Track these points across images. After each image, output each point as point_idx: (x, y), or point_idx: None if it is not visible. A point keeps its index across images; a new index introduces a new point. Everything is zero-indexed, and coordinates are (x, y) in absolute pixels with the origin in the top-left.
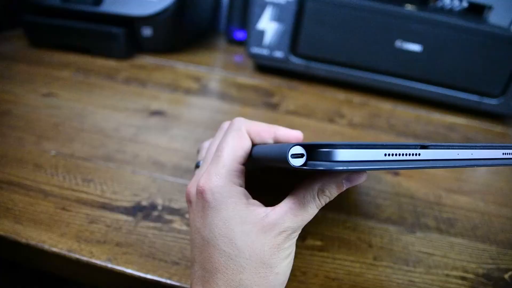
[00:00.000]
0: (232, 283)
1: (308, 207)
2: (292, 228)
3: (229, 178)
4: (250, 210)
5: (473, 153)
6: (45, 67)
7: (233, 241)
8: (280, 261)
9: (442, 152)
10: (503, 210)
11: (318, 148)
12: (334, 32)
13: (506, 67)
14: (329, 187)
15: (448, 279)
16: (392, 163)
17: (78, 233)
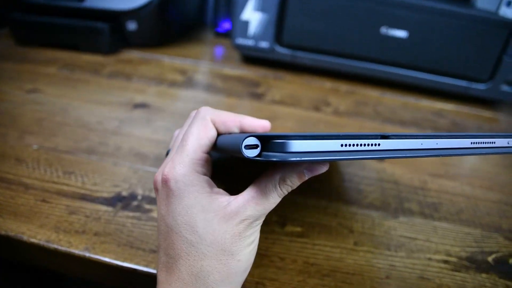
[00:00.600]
0: (194, 269)
1: (270, 196)
2: (254, 217)
3: (192, 167)
4: (213, 198)
5: (438, 142)
6: (31, 64)
7: (195, 229)
8: (242, 249)
9: (404, 142)
10: (489, 194)
11: (272, 139)
12: (318, 20)
13: (494, 51)
14: (290, 177)
15: (430, 263)
16: (348, 154)
17: (57, 224)
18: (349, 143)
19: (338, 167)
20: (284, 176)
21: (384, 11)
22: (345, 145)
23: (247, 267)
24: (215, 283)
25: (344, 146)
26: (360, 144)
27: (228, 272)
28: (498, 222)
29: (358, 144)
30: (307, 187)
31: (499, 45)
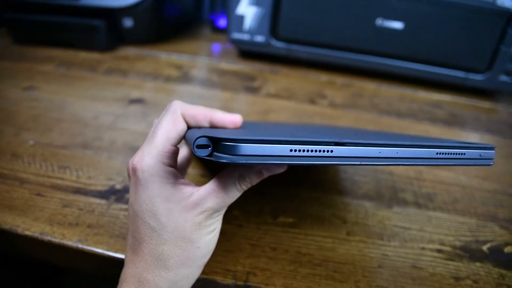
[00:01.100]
0: (155, 252)
1: (229, 191)
2: (213, 209)
3: (159, 158)
4: (176, 189)
5: (399, 152)
6: (28, 63)
7: (157, 216)
8: (201, 237)
9: (360, 150)
10: (485, 183)
11: (222, 141)
12: (313, 13)
13: (491, 41)
14: (248, 175)
15: (423, 252)
16: (297, 159)
17: (51, 216)
18: (299, 148)
19: None
20: (242, 173)
21: (379, 2)
22: (295, 150)
23: (206, 253)
24: (175, 266)
25: (293, 151)
26: (311, 150)
27: (187, 257)
28: (494, 212)
29: (309, 150)
30: (300, 179)
31: (496, 34)
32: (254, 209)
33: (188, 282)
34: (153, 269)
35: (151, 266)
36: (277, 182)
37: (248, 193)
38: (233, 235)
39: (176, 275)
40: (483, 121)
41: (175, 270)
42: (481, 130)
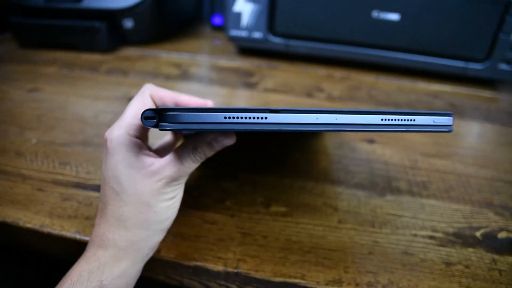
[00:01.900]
0: (116, 213)
1: (185, 161)
2: (171, 177)
3: (126, 130)
4: (139, 158)
5: (338, 118)
6: (33, 65)
7: (120, 181)
8: (158, 202)
9: (295, 117)
10: (482, 171)
11: (164, 111)
12: (309, 7)
13: (489, 29)
14: (201, 146)
15: (415, 239)
16: (231, 125)
17: (51, 210)
18: (233, 115)
19: (327, 149)
20: (195, 145)
21: None
22: (229, 117)
23: (164, 219)
24: (132, 226)
25: (227, 118)
26: (245, 117)
27: (144, 219)
28: (490, 198)
29: (243, 117)
30: (294, 169)
31: (494, 22)
32: (247, 199)
33: (147, 244)
34: (113, 229)
35: (112, 226)
36: (270, 172)
37: (241, 184)
38: (225, 225)
39: (134, 235)
40: (483, 110)
41: (133, 230)
42: (479, 119)
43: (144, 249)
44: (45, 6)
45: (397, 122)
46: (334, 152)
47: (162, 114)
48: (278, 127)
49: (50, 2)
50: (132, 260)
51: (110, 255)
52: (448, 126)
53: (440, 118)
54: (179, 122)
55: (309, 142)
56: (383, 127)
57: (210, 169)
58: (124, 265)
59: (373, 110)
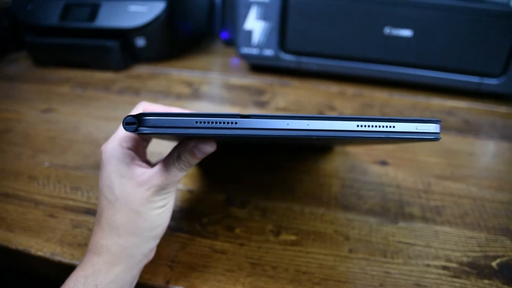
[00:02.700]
0: (110, 221)
1: (171, 170)
2: (160, 186)
3: (119, 142)
4: (131, 168)
5: (310, 123)
6: (47, 84)
7: (113, 190)
8: (148, 211)
9: (266, 122)
10: (498, 194)
11: (142, 116)
12: (321, 25)
13: (505, 44)
14: (184, 154)
15: (428, 269)
16: (202, 130)
17: (62, 237)
18: (204, 120)
19: (338, 172)
20: (179, 153)
21: (385, 11)
22: (200, 122)
23: (154, 227)
24: (124, 233)
25: (198, 123)
26: (216, 122)
27: (135, 227)
28: (506, 224)
29: (214, 122)
30: (305, 194)
31: (510, 37)
32: (257, 227)
33: (139, 250)
34: (107, 235)
35: (106, 233)
36: (280, 197)
37: (251, 211)
38: (234, 254)
39: (126, 242)
40: (499, 127)
41: (125, 237)
42: (495, 137)
43: (137, 255)
44: (59, 26)
45: (375, 128)
46: (346, 176)
47: (140, 119)
48: (248, 132)
49: (64, 22)
50: (125, 265)
51: (104, 261)
52: (433, 134)
53: (423, 125)
54: (154, 126)
55: (319, 165)
56: (359, 134)
57: (220, 194)
58: (118, 270)
59: (348, 116)
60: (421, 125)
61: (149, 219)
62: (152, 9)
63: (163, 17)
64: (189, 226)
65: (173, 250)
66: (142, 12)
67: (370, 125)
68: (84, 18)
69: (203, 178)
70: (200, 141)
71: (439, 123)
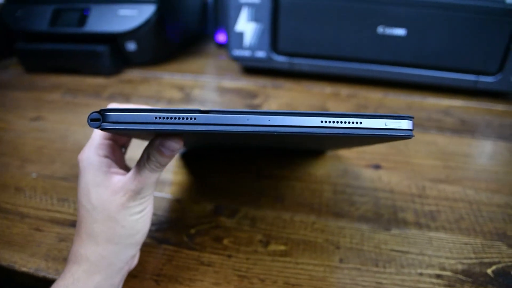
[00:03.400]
0: (88, 230)
1: (142, 172)
2: (134, 191)
3: (95, 150)
4: (107, 176)
5: (271, 119)
6: (37, 91)
7: (90, 199)
8: (126, 217)
9: (225, 117)
10: (495, 197)
11: (104, 112)
12: (312, 25)
13: (501, 42)
14: (152, 153)
15: (421, 279)
16: (162, 125)
17: (47, 252)
18: (163, 116)
19: (330, 178)
20: (148, 154)
21: (378, 10)
22: (159, 117)
23: (133, 233)
24: (102, 242)
25: (158, 118)
26: (175, 117)
27: (113, 234)
28: (503, 229)
29: (173, 118)
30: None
31: (506, 34)
32: (245, 237)
33: (118, 258)
34: (85, 244)
35: (84, 242)
36: (270, 205)
37: (240, 220)
38: (222, 266)
39: (105, 250)
40: (496, 126)
41: (104, 245)
42: (492, 136)
43: (117, 263)
44: (49, 31)
45: (340, 125)
46: (338, 181)
47: (103, 115)
48: (208, 127)
49: (53, 27)
50: (105, 274)
51: (83, 270)
52: (405, 131)
53: (393, 121)
54: (116, 122)
55: (310, 171)
56: (324, 130)
57: (209, 204)
58: (98, 279)
59: (312, 112)
60: (390, 121)
61: (127, 226)
62: (142, 12)
63: (153, 20)
64: (177, 238)
65: (160, 263)
66: (132, 16)
67: (335, 121)
68: (74, 23)
69: (192, 187)
70: (165, 138)
71: (411, 119)
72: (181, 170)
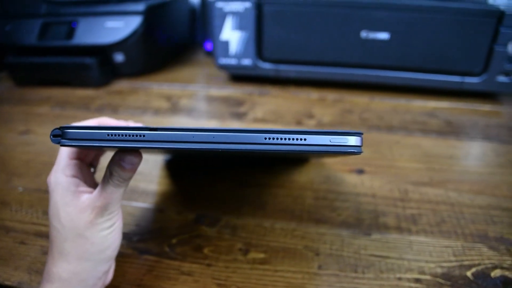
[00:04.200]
0: (59, 248)
1: (107, 188)
2: (100, 207)
3: (62, 171)
4: (75, 196)
5: (216, 136)
6: (26, 105)
7: (60, 219)
8: (94, 233)
9: (172, 135)
10: (477, 198)
11: (63, 129)
12: (297, 32)
13: (484, 42)
14: (114, 169)
15: (399, 283)
16: (113, 142)
17: (31, 265)
18: (115, 133)
19: (313, 184)
20: (111, 169)
21: (361, 15)
22: (111, 135)
23: (103, 249)
24: (73, 259)
25: (110, 135)
26: (126, 134)
27: (83, 251)
28: (484, 230)
29: (124, 135)
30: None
31: (489, 35)
32: (225, 246)
33: (90, 274)
34: (57, 262)
35: (56, 261)
36: (252, 213)
37: (221, 229)
38: (201, 275)
39: (76, 267)
40: (481, 127)
41: (75, 262)
42: (477, 137)
43: (89, 280)
44: (38, 45)
45: (283, 141)
46: (320, 187)
47: (63, 132)
48: (155, 144)
49: (42, 41)
50: None
51: None
52: (353, 147)
53: (338, 137)
54: (73, 139)
55: (293, 178)
56: (267, 147)
57: (190, 213)
58: None
59: (257, 128)
60: (335, 137)
61: (96, 242)
62: (129, 24)
63: (140, 31)
64: (158, 248)
65: (140, 273)
66: (119, 28)
67: (278, 138)
68: (62, 36)
69: (175, 197)
70: (125, 153)
71: (360, 135)
72: (164, 180)
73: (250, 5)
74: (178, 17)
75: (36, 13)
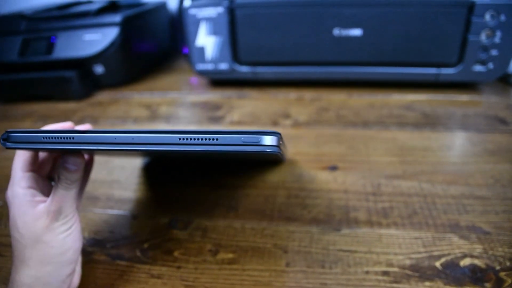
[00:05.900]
0: (20, 257)
1: (57, 192)
2: (54, 211)
3: (17, 184)
4: (31, 205)
5: (134, 138)
6: (9, 121)
7: (18, 229)
8: (53, 238)
9: (97, 137)
10: (451, 188)
11: (8, 133)
12: (270, 33)
13: (457, 33)
14: (60, 172)
15: (366, 277)
16: (45, 144)
17: (7, 276)
18: (48, 136)
19: (285, 183)
20: (58, 173)
21: (332, 13)
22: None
23: (63, 252)
24: (34, 264)
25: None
26: (57, 137)
27: (44, 256)
28: (456, 220)
29: (56, 137)
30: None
31: (461, 25)
32: (195, 248)
33: (53, 277)
34: (19, 270)
35: (18, 269)
36: (223, 215)
37: (192, 232)
38: (170, 278)
39: (38, 271)
40: (458, 117)
41: (36, 267)
42: (453, 128)
43: (53, 283)
44: (19, 61)
45: (197, 141)
46: (292, 185)
47: (8, 136)
48: (83, 146)
49: (23, 57)
50: None
51: None
52: (267, 147)
53: (250, 137)
54: (16, 142)
55: (266, 177)
56: (182, 147)
57: (163, 218)
58: None
59: (172, 129)
60: (247, 137)
61: (56, 246)
62: (106, 36)
63: (118, 42)
64: (130, 253)
65: (111, 278)
66: (97, 40)
67: (192, 138)
68: (42, 51)
69: (149, 203)
70: (68, 155)
71: (276, 135)
72: (140, 186)
73: (222, 10)
74: (157, 26)
75: (16, 30)
